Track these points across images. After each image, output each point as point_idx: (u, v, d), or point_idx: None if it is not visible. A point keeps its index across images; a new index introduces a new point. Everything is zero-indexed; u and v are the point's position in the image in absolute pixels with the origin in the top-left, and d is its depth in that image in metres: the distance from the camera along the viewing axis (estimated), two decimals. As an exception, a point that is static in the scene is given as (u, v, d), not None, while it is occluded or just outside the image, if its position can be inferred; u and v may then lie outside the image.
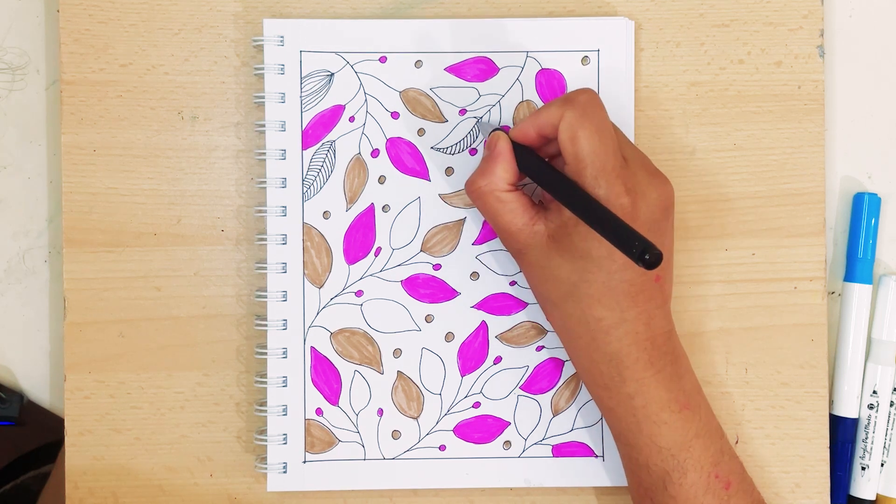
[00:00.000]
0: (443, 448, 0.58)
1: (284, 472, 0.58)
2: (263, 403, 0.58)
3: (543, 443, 0.58)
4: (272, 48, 0.57)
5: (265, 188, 0.58)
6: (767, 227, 0.59)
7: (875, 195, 0.60)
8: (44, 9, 0.60)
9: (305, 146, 0.58)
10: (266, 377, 0.57)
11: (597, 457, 0.58)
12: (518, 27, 0.58)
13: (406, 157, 0.58)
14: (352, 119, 0.58)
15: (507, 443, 0.58)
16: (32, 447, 0.64)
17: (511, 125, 0.58)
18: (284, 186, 0.57)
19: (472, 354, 0.58)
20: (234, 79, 0.59)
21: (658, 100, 0.59)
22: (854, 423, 0.60)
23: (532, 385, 0.58)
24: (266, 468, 0.58)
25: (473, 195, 0.54)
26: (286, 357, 0.58)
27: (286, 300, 0.57)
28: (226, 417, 0.59)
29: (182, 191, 0.59)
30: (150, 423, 0.58)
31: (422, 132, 0.58)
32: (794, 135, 0.59)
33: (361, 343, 0.58)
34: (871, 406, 0.60)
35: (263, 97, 0.58)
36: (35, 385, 0.60)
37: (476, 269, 0.58)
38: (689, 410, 0.53)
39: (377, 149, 0.58)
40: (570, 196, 0.50)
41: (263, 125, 0.58)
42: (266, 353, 0.57)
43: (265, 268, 0.57)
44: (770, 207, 0.59)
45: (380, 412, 0.58)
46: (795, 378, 0.59)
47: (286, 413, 0.58)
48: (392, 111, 0.58)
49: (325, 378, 0.58)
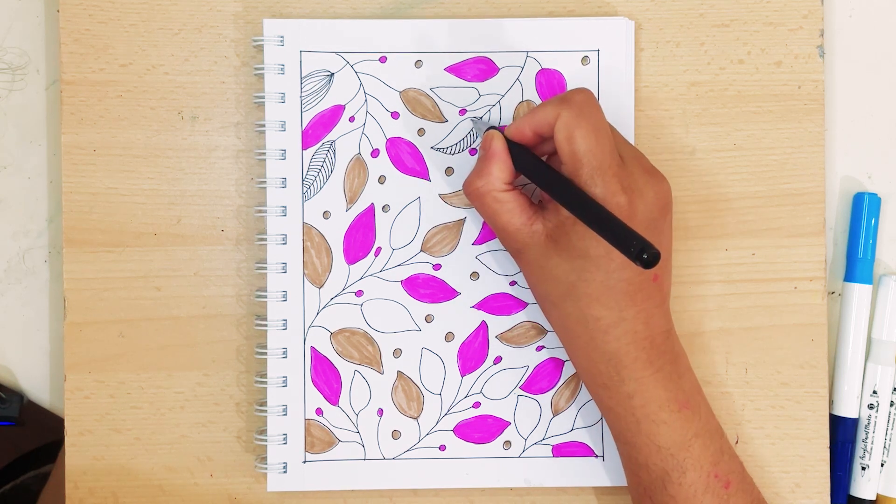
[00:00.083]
0: (443, 448, 0.58)
1: (284, 472, 0.58)
2: (263, 403, 0.58)
3: (543, 443, 0.58)
4: (272, 48, 0.57)
5: (265, 188, 0.58)
6: (767, 227, 0.59)
7: (875, 195, 0.60)
8: (44, 9, 0.60)
9: (305, 146, 0.58)
10: (266, 377, 0.57)
11: (597, 457, 0.58)
12: (518, 27, 0.58)
13: (406, 157, 0.58)
14: (352, 119, 0.58)
15: (507, 443, 0.58)
16: (32, 447, 0.64)
17: (506, 124, 0.58)
18: (284, 186, 0.57)
19: (472, 354, 0.58)
20: (234, 79, 0.59)
21: (658, 100, 0.59)
22: (854, 423, 0.60)
23: (532, 385, 0.58)
24: (266, 468, 0.58)
25: (471, 196, 0.54)
26: (286, 357, 0.58)
27: (286, 300, 0.57)
28: (226, 417, 0.59)
29: (182, 191, 0.59)
30: (150, 423, 0.58)
31: (422, 132, 0.58)
32: (794, 135, 0.59)
33: (361, 343, 0.58)
34: (871, 406, 0.60)
35: (263, 97, 0.58)
36: (35, 385, 0.60)
37: (476, 269, 0.58)
38: (689, 410, 0.53)
39: (377, 149, 0.58)
40: (568, 195, 0.50)
41: (263, 125, 0.58)
42: (266, 353, 0.57)
43: (265, 268, 0.57)
44: (770, 207, 0.59)
45: (380, 412, 0.58)
46: (795, 378, 0.59)
47: (286, 413, 0.57)
48: (392, 111, 0.58)
49: (325, 378, 0.58)
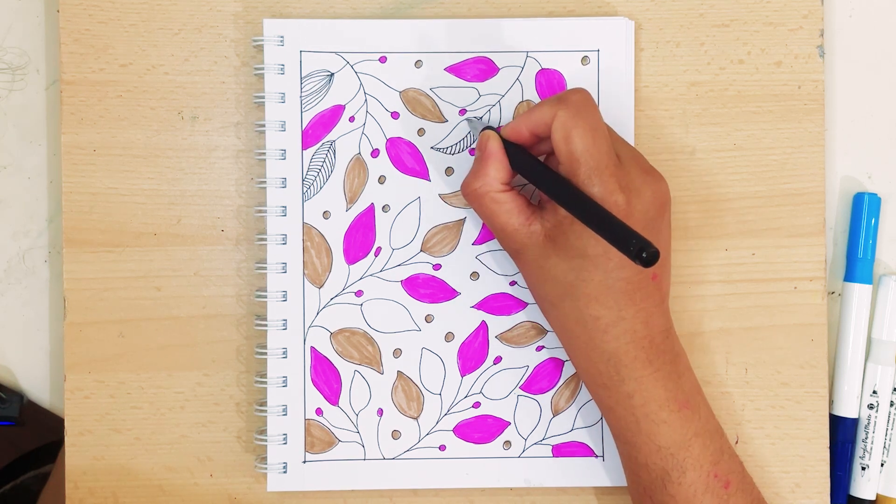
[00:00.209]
0: (443, 448, 0.58)
1: (284, 472, 0.58)
2: (263, 403, 0.58)
3: (543, 443, 0.58)
4: (272, 48, 0.57)
5: (265, 188, 0.58)
6: (767, 227, 0.59)
7: (875, 195, 0.60)
8: (44, 9, 0.60)
9: (305, 146, 0.58)
10: (266, 377, 0.57)
11: (597, 457, 0.58)
12: (518, 27, 0.58)
13: (406, 157, 0.58)
14: (352, 119, 0.58)
15: (507, 443, 0.58)
16: (32, 447, 0.64)
17: (502, 124, 0.57)
18: (284, 186, 0.57)
19: (472, 354, 0.58)
20: (234, 79, 0.59)
21: (658, 100, 0.59)
22: (854, 423, 0.60)
23: (532, 385, 0.58)
24: (266, 468, 0.57)
25: (469, 197, 0.54)
26: (286, 357, 0.58)
27: (286, 300, 0.57)
28: (226, 417, 0.59)
29: (182, 191, 0.59)
30: (150, 423, 0.58)
31: (422, 132, 0.58)
32: (794, 135, 0.59)
33: (361, 343, 0.58)
34: (871, 406, 0.60)
35: (263, 97, 0.58)
36: (35, 385, 0.60)
37: (476, 269, 0.58)
38: (689, 409, 0.53)
39: (377, 149, 0.58)
40: (566, 195, 0.50)
41: (263, 125, 0.58)
42: (266, 353, 0.57)
43: (265, 268, 0.57)
44: (770, 207, 0.59)
45: (380, 412, 0.58)
46: (795, 378, 0.59)
47: (286, 413, 0.57)
48: (392, 111, 0.58)
49: (325, 378, 0.58)
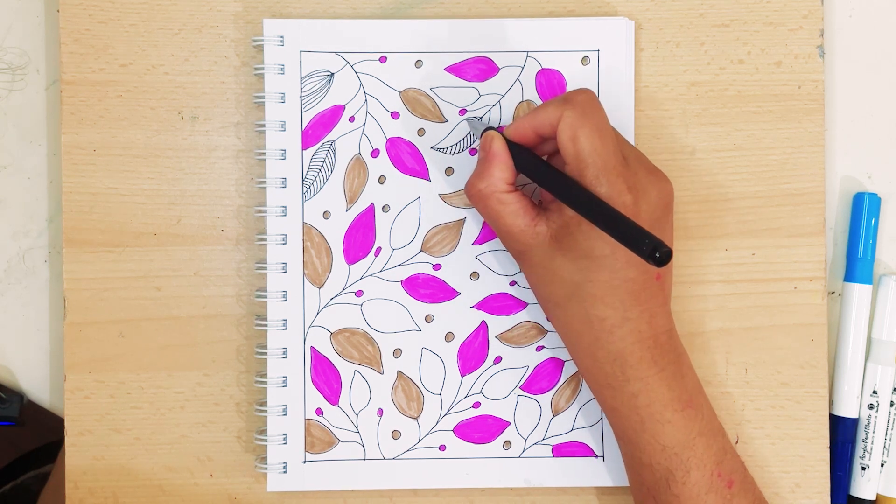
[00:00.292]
0: (443, 448, 0.58)
1: (284, 472, 0.57)
2: (263, 403, 0.58)
3: (543, 443, 0.58)
4: (272, 48, 0.57)
5: (265, 188, 0.57)
6: (767, 227, 0.59)
7: (875, 195, 0.60)
8: (44, 9, 0.60)
9: (305, 146, 0.58)
10: (266, 377, 0.57)
11: (597, 457, 0.58)
12: (518, 27, 0.58)
13: (406, 157, 0.58)
14: (352, 119, 0.58)
15: (507, 443, 0.58)
16: (32, 447, 0.64)
17: (503, 125, 0.57)
18: (284, 186, 0.57)
19: (472, 354, 0.58)
20: (234, 79, 0.59)
21: (658, 100, 0.59)
22: (854, 423, 0.60)
23: (532, 385, 0.58)
24: (266, 468, 0.57)
25: (474, 198, 0.54)
26: (286, 357, 0.57)
27: (286, 300, 0.57)
28: (226, 417, 0.59)
29: (182, 191, 0.59)
30: (150, 423, 0.58)
31: (422, 132, 0.58)
32: (794, 135, 0.59)
33: (361, 343, 0.58)
34: (871, 406, 0.60)
35: (263, 97, 0.57)
36: (35, 385, 0.60)
37: (476, 269, 0.58)
38: (692, 409, 0.53)
39: (377, 149, 0.58)
40: (574, 195, 0.50)
41: (263, 125, 0.58)
42: (266, 353, 0.57)
43: (265, 268, 0.57)
44: (770, 207, 0.59)
45: (380, 412, 0.58)
46: (795, 378, 0.59)
47: (286, 413, 0.57)
48: (392, 111, 0.58)
49: (325, 378, 0.58)
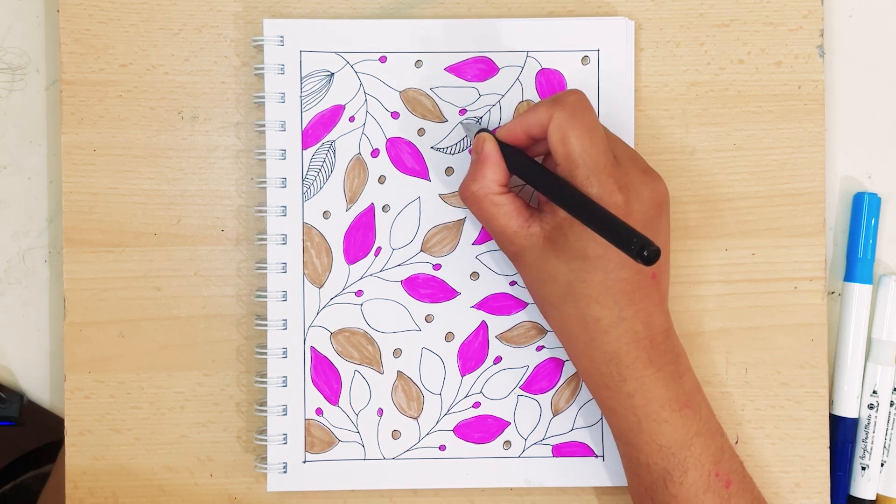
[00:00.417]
0: (443, 448, 0.58)
1: (284, 472, 0.58)
2: (263, 403, 0.58)
3: (543, 443, 0.58)
4: (272, 48, 0.57)
5: (265, 188, 0.57)
6: (767, 227, 0.59)
7: (875, 195, 0.60)
8: (44, 9, 0.60)
9: (305, 146, 0.58)
10: (266, 377, 0.57)
11: (597, 457, 0.58)
12: (518, 27, 0.58)
13: (406, 157, 0.58)
14: (352, 119, 0.58)
15: (507, 443, 0.58)
16: (32, 447, 0.64)
17: (498, 126, 0.57)
18: (284, 186, 0.57)
19: (472, 354, 0.58)
20: (234, 79, 0.59)
21: (658, 100, 0.59)
22: (854, 423, 0.60)
23: (532, 385, 0.58)
24: (266, 468, 0.57)
25: (468, 200, 0.54)
26: (286, 357, 0.57)
27: (286, 300, 0.57)
28: (226, 417, 0.59)
29: (182, 191, 0.59)
30: (150, 423, 0.58)
31: (422, 132, 0.58)
32: (794, 135, 0.59)
33: (361, 343, 0.58)
34: (871, 406, 0.60)
35: (263, 97, 0.58)
36: (35, 385, 0.60)
37: (476, 269, 0.58)
38: (690, 409, 0.53)
39: (377, 149, 0.58)
40: (565, 196, 0.50)
41: (263, 125, 0.58)
42: (266, 353, 0.57)
43: (265, 268, 0.57)
44: (770, 207, 0.59)
45: (380, 412, 0.58)
46: (795, 378, 0.59)
47: (286, 413, 0.57)
48: (392, 111, 0.58)
49: (325, 378, 0.58)
